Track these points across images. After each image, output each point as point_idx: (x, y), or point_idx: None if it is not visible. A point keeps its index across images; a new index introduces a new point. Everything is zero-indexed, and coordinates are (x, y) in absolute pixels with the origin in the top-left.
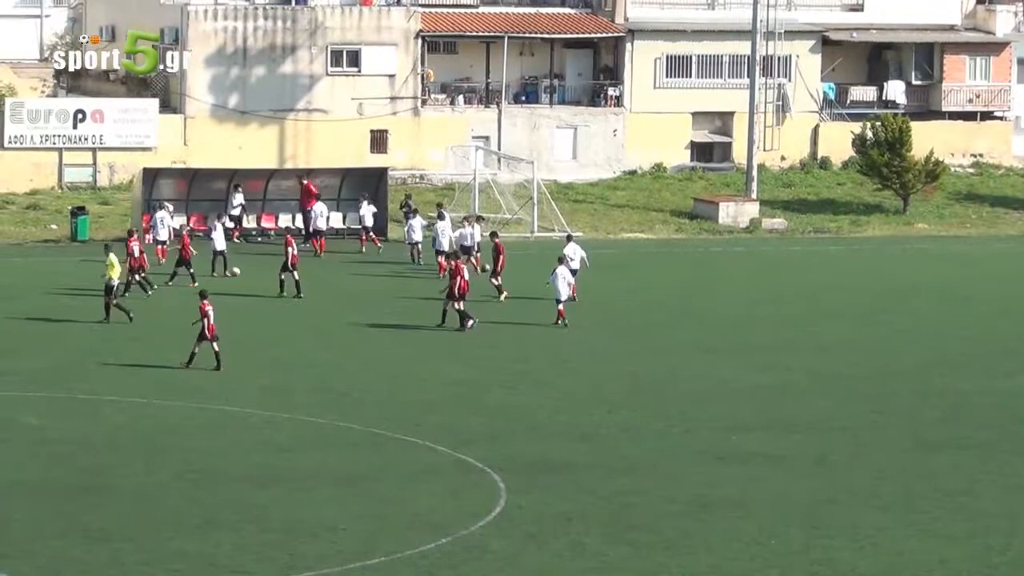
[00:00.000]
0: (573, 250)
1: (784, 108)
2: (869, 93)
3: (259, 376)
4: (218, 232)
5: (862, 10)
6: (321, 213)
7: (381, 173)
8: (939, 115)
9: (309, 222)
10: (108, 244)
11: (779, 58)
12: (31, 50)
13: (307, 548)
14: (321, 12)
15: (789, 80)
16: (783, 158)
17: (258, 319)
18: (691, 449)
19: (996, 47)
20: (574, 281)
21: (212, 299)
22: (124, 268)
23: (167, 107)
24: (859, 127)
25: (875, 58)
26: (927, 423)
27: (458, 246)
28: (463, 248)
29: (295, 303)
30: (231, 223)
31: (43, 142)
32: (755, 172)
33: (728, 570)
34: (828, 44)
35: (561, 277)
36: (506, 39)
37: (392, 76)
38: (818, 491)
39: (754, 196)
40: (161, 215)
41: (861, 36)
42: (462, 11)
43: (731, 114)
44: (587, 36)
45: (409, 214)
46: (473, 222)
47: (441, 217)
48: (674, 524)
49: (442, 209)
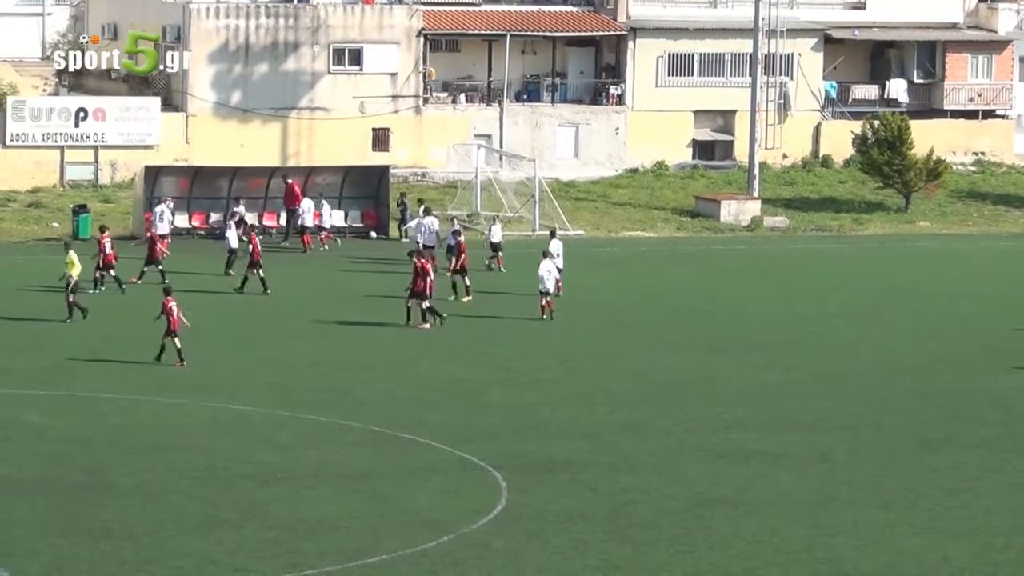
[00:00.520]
0: (556, 246)
1: (786, 106)
2: (871, 91)
3: (260, 374)
4: (231, 232)
5: (864, 8)
6: (308, 210)
7: (383, 171)
8: (941, 113)
9: (294, 221)
10: (67, 242)
11: (781, 56)
12: (33, 48)
13: (308, 546)
14: (323, 10)
15: (791, 78)
16: (785, 156)
17: (259, 317)
18: (693, 447)
19: (998, 45)
20: (559, 276)
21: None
22: (97, 262)
23: (169, 105)
24: (861, 125)
25: (877, 56)
26: (929, 421)
27: (487, 244)
28: (492, 246)
29: (298, 303)
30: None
31: (45, 140)
32: (757, 170)
33: (730, 568)
34: (830, 42)
35: (547, 271)
36: (508, 37)
37: (394, 74)
38: (820, 489)
39: (756, 194)
40: (161, 209)
41: (863, 34)
42: (464, 9)
43: (733, 112)
44: (589, 34)
45: (405, 212)
46: (496, 221)
47: (428, 212)
48: (676, 522)
49: (426, 205)
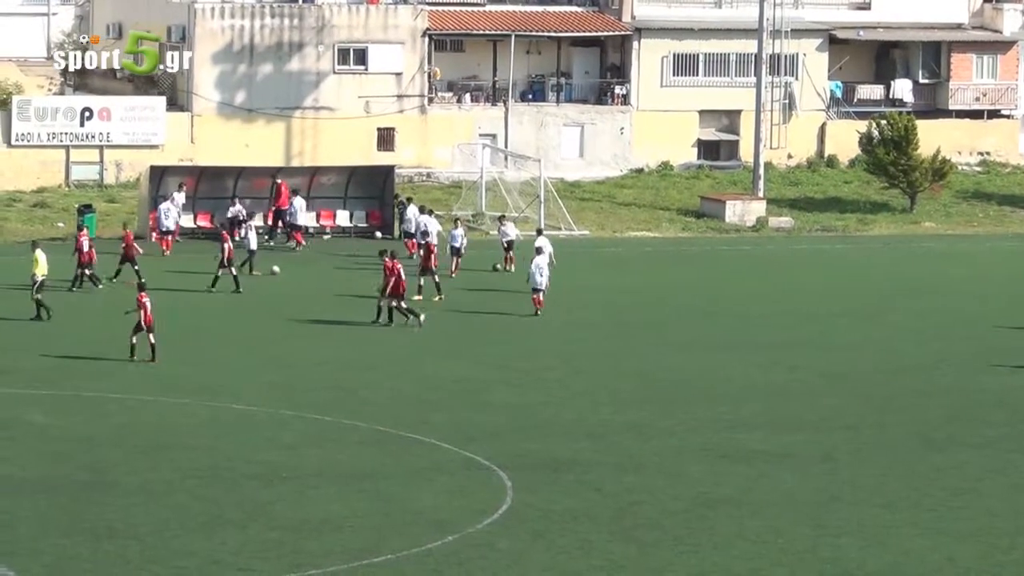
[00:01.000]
0: (544, 243)
1: (791, 106)
2: (876, 91)
3: (264, 374)
4: (252, 233)
5: (869, 8)
6: (300, 208)
7: (388, 171)
8: (946, 113)
9: (283, 220)
10: (35, 241)
11: (786, 56)
12: (39, 48)
13: (312, 545)
14: (328, 10)
15: (796, 78)
16: (790, 156)
17: (263, 317)
18: (697, 447)
19: (1003, 46)
20: (549, 272)
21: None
22: (76, 260)
23: (174, 105)
24: (866, 126)
25: (882, 56)
26: (932, 421)
27: (504, 243)
28: (507, 244)
29: (301, 303)
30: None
31: (50, 140)
32: (762, 170)
33: (734, 568)
34: (835, 42)
35: (538, 267)
36: (513, 37)
37: (399, 74)
38: (824, 489)
39: (761, 194)
40: (166, 206)
41: (868, 35)
42: (469, 9)
43: (738, 112)
44: (594, 34)
45: (403, 209)
46: (508, 221)
47: (409, 201)
48: (680, 522)
49: (407, 197)
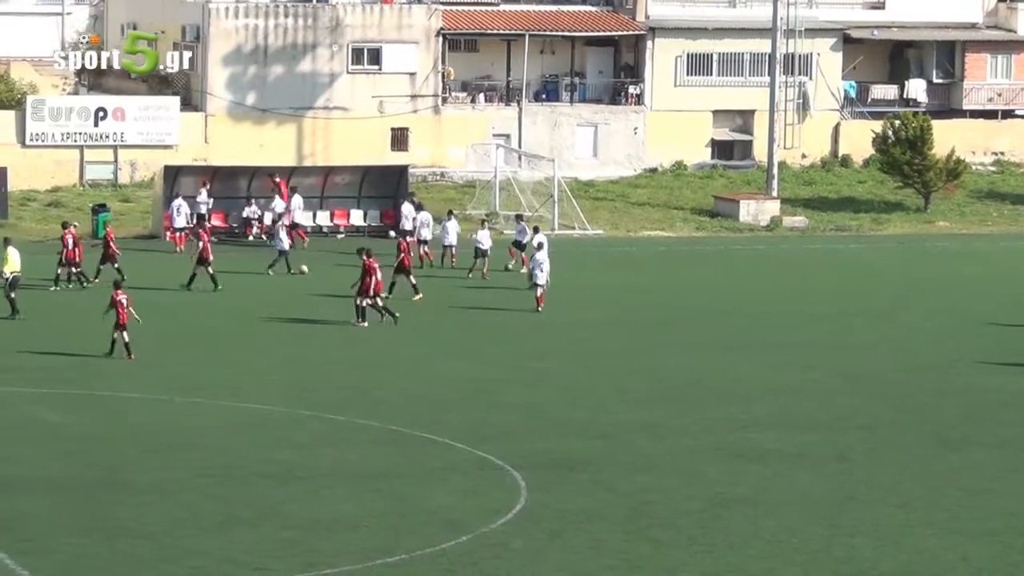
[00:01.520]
0: (543, 238)
1: (805, 106)
2: (890, 91)
3: (278, 373)
4: (283, 233)
5: (883, 8)
6: (298, 206)
7: (402, 171)
8: (960, 113)
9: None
10: (8, 238)
11: (800, 56)
12: (53, 48)
13: (326, 545)
14: (342, 10)
15: (810, 78)
16: (804, 156)
17: (276, 317)
18: (711, 447)
19: (1017, 45)
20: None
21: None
22: (60, 258)
23: (188, 105)
24: (880, 125)
25: (896, 56)
26: (947, 421)
27: (514, 243)
28: (517, 244)
29: (314, 302)
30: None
31: (64, 140)
32: (776, 170)
33: (749, 568)
34: (849, 42)
35: (538, 263)
36: (527, 37)
37: (413, 74)
38: (838, 489)
39: (775, 194)
40: (178, 203)
41: (882, 34)
42: (483, 9)
43: (752, 112)
44: (608, 34)
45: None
46: (523, 220)
47: (411, 195)
48: (694, 522)
49: (409, 194)
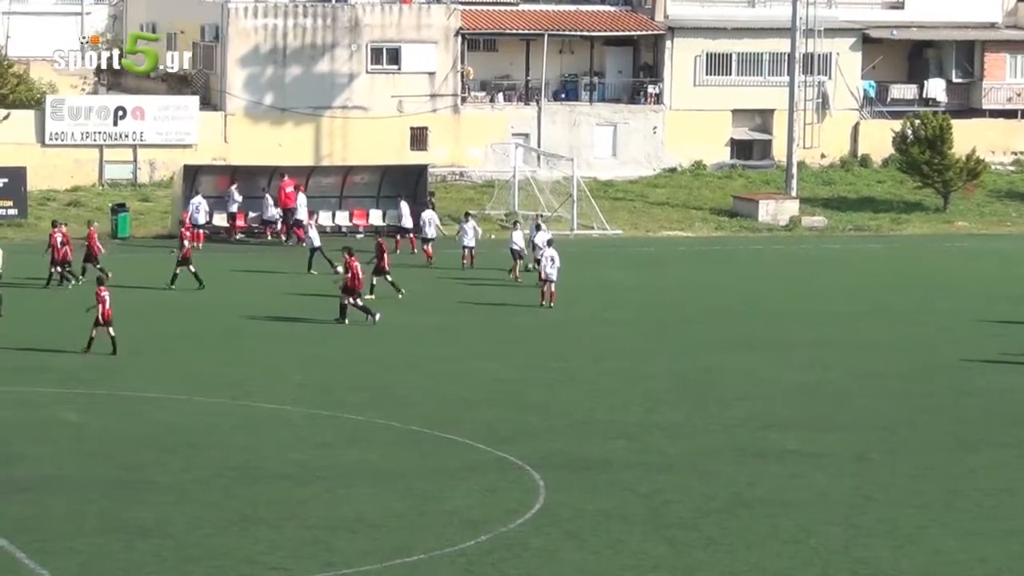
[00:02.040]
0: (545, 233)
1: (824, 106)
2: (909, 91)
3: (298, 373)
4: (313, 231)
5: (903, 8)
6: (302, 204)
7: (421, 171)
8: (979, 113)
9: (290, 216)
10: None
11: (819, 56)
12: (72, 47)
13: (346, 545)
14: (361, 10)
15: (829, 78)
16: (823, 156)
17: (298, 316)
18: (730, 447)
19: None
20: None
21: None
22: (50, 257)
23: (207, 104)
24: (899, 125)
25: (915, 56)
26: (967, 421)
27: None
28: (534, 246)
29: (334, 301)
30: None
31: (84, 139)
32: (795, 170)
33: (768, 568)
34: (868, 42)
35: (549, 259)
36: (546, 37)
37: (432, 74)
38: (857, 489)
39: (794, 194)
40: (197, 201)
41: (902, 34)
42: (502, 9)
43: (771, 112)
44: (627, 34)
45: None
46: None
47: (416, 197)
48: (713, 522)
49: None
